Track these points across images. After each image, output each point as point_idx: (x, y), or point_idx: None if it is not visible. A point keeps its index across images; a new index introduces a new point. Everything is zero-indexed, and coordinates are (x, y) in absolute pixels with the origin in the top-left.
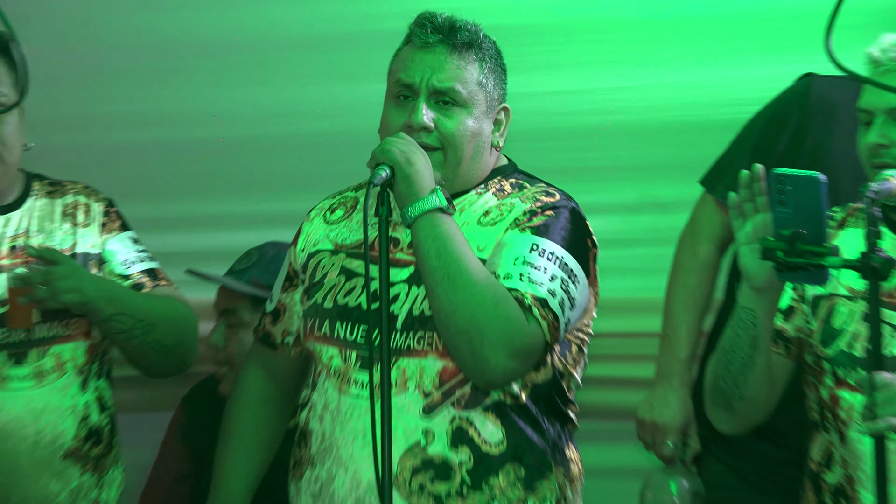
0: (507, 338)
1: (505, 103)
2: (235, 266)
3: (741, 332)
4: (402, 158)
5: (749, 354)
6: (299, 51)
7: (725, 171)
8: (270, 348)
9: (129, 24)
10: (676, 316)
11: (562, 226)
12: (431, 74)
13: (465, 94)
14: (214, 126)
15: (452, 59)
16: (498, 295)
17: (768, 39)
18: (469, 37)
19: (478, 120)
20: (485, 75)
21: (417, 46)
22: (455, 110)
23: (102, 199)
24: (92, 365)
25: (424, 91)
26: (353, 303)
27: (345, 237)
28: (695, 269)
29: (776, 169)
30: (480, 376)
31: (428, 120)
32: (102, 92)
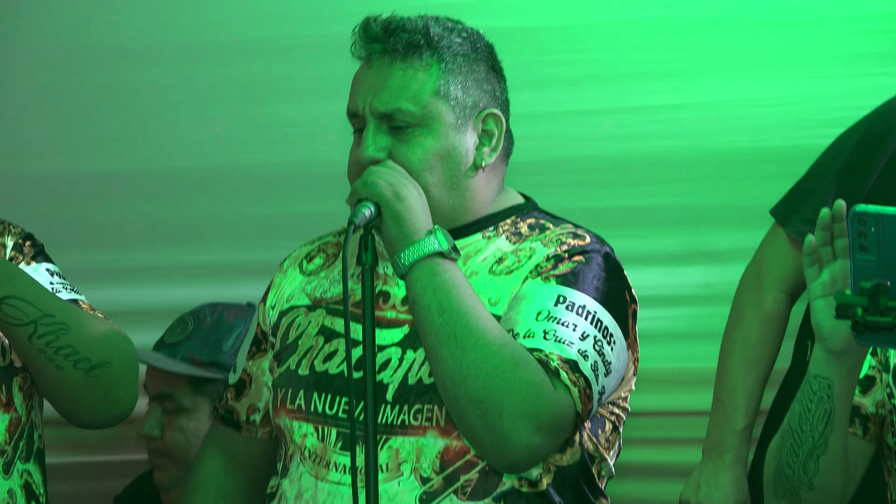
0: (530, 407)
1: (494, 108)
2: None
3: (813, 408)
4: (390, 193)
5: (822, 433)
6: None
7: (803, 203)
8: (233, 429)
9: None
10: (734, 378)
11: (594, 274)
12: (374, 96)
13: (418, 110)
14: (158, 154)
15: (395, 71)
16: (517, 356)
17: (852, 45)
18: (409, 37)
19: (443, 137)
20: (445, 80)
21: (362, 64)
22: (411, 132)
23: (19, 234)
24: (18, 443)
25: (370, 118)
26: (333, 370)
27: (324, 289)
28: (758, 321)
29: (857, 206)
30: (500, 456)
31: (377, 151)
32: (34, 116)
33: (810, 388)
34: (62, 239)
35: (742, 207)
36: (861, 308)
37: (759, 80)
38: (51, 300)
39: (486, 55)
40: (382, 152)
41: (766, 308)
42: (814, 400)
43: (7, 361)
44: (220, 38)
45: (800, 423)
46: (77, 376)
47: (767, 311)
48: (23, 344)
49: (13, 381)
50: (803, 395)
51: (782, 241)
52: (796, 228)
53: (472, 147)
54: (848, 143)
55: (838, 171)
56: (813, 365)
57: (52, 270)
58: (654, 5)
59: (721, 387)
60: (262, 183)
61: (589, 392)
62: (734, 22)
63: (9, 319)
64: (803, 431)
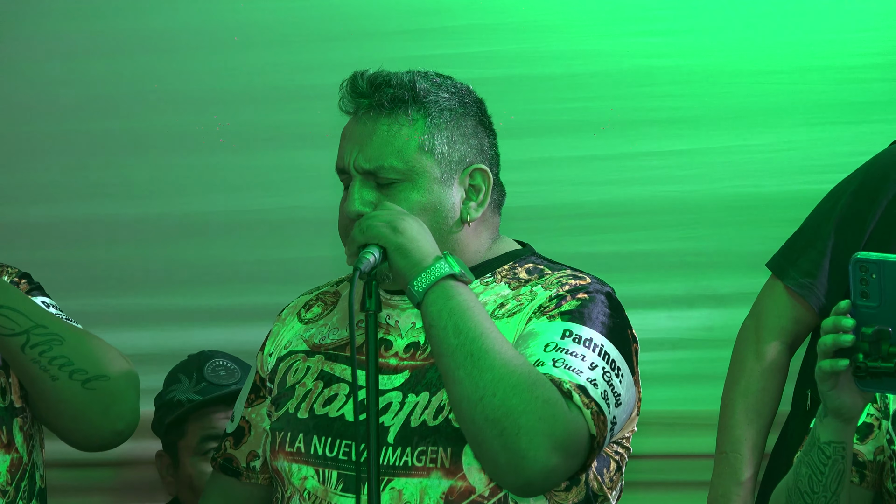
0: (546, 426)
1: (481, 163)
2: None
3: (827, 471)
4: (388, 230)
5: (835, 492)
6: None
7: (801, 255)
8: (233, 476)
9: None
10: (737, 429)
11: (599, 311)
12: (358, 153)
13: (402, 165)
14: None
15: (380, 126)
16: (533, 376)
17: (855, 93)
18: (394, 93)
19: (428, 192)
20: (431, 135)
21: (350, 119)
22: (398, 188)
23: (16, 274)
24: (20, 483)
25: (355, 174)
26: (333, 413)
27: (323, 336)
28: (759, 372)
29: (858, 253)
30: (515, 476)
31: (363, 205)
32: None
33: (823, 454)
34: (61, 283)
35: (745, 252)
36: (862, 354)
37: (763, 126)
38: (43, 313)
39: (475, 110)
40: (368, 206)
41: (766, 360)
42: (827, 464)
43: (7, 402)
44: (221, 85)
45: (810, 485)
46: (74, 388)
47: (768, 362)
48: (16, 355)
49: (14, 422)
50: (812, 459)
51: (780, 294)
52: (794, 281)
53: (458, 202)
54: (844, 193)
55: (835, 222)
56: (823, 434)
57: (49, 303)
58: (658, 54)
59: (724, 439)
60: (258, 228)
61: (602, 418)
62: (738, 70)
63: (1, 330)
64: (815, 493)
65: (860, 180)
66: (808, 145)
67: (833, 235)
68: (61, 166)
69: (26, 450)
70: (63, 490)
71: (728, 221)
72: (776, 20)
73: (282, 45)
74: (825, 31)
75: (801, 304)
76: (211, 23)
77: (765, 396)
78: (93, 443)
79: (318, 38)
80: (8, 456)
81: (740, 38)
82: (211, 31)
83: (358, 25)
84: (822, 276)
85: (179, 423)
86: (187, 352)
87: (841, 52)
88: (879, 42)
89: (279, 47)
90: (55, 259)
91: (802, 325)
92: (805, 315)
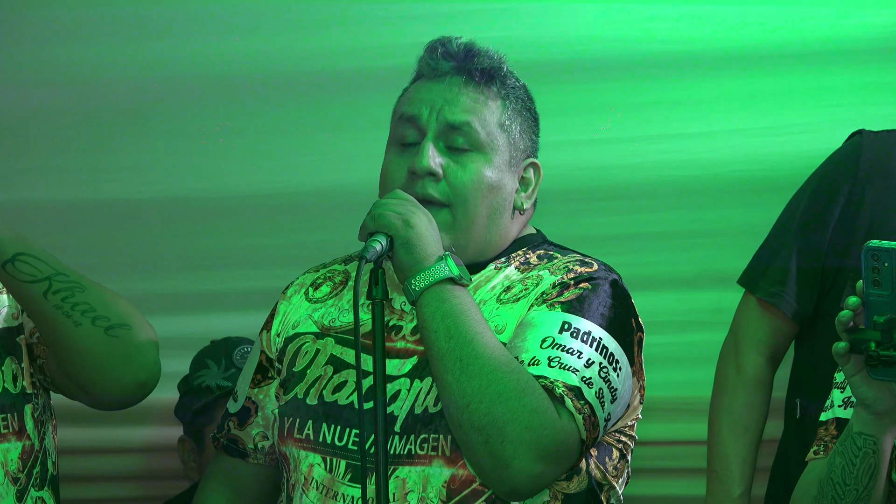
0: (533, 435)
1: (535, 158)
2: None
3: (858, 462)
4: (399, 222)
5: (866, 486)
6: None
7: (769, 265)
8: (239, 458)
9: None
10: (724, 446)
11: (601, 301)
12: (442, 106)
13: (484, 134)
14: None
15: (468, 92)
16: (522, 383)
17: (865, 75)
18: (490, 63)
19: (498, 171)
20: (509, 116)
21: (426, 78)
22: (470, 157)
23: None
24: (32, 470)
25: (433, 127)
26: (343, 401)
27: (333, 318)
28: (741, 387)
29: (870, 242)
30: (500, 482)
31: (436, 165)
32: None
33: (854, 444)
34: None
35: (754, 234)
36: (874, 342)
37: (773, 110)
38: (62, 264)
39: (534, 106)
40: (439, 168)
41: (747, 373)
42: (858, 455)
43: (19, 388)
44: (235, 71)
45: (842, 476)
46: (96, 333)
47: (749, 376)
48: (38, 301)
49: (25, 409)
50: (846, 449)
51: (753, 307)
52: (765, 291)
53: (514, 189)
54: (802, 198)
55: (797, 227)
56: (856, 423)
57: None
58: (667, 39)
59: (713, 457)
60: (273, 211)
61: (594, 419)
62: (748, 53)
63: (22, 276)
64: (847, 484)
65: (816, 183)
66: (818, 128)
67: (796, 241)
68: (74, 150)
69: (38, 436)
70: (83, 479)
71: (737, 203)
72: (785, 4)
73: (283, 31)
74: (835, 14)
75: (774, 313)
76: (213, 8)
77: (750, 411)
78: (114, 395)
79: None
80: (20, 443)
81: (750, 21)
82: (211, 18)
83: (367, 9)
84: (791, 282)
85: (207, 408)
86: (198, 337)
87: (852, 38)
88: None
89: (281, 34)
90: (68, 244)
91: (781, 335)
92: (781, 324)
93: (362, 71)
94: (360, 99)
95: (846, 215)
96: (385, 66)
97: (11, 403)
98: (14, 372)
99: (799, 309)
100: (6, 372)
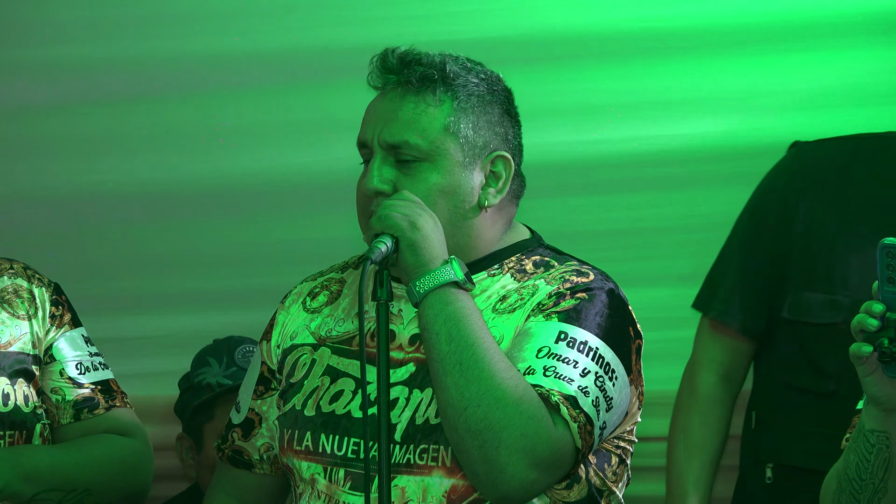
0: (528, 442)
1: (503, 150)
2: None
3: (872, 458)
4: (405, 223)
5: (882, 479)
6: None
7: (718, 286)
8: (244, 469)
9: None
10: (678, 466)
11: (597, 311)
12: (383, 127)
13: (426, 144)
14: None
15: (407, 103)
16: (520, 390)
17: (859, 75)
18: (424, 71)
19: (449, 175)
20: (456, 117)
21: (377, 94)
22: (417, 167)
23: (48, 285)
24: None
25: (377, 149)
26: (340, 410)
27: (329, 328)
28: (694, 406)
29: (886, 239)
30: (493, 488)
31: (381, 183)
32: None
33: (867, 441)
34: (79, 267)
35: None
36: (888, 339)
37: (769, 109)
38: (68, 468)
39: (503, 99)
40: (387, 185)
41: (699, 393)
42: (872, 451)
43: (30, 408)
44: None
45: (857, 472)
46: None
47: (701, 395)
48: None
49: (36, 428)
50: (858, 446)
51: (705, 328)
52: (715, 311)
53: (477, 186)
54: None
55: (739, 246)
56: (867, 421)
57: (86, 336)
58: (665, 35)
59: (669, 478)
60: (270, 209)
61: (590, 428)
62: (743, 52)
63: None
64: (862, 479)
65: (755, 200)
66: (813, 127)
67: (739, 258)
68: (74, 148)
69: None
70: None
71: (733, 199)
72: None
73: (284, 30)
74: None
75: (725, 331)
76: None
77: (704, 430)
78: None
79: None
80: None
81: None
82: (211, 16)
83: (367, 11)
84: (737, 298)
85: (207, 406)
86: (198, 336)
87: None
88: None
89: (280, 34)
90: (70, 241)
91: (735, 353)
92: (734, 342)
93: (363, 70)
94: (360, 98)
95: (782, 227)
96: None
97: (22, 421)
98: (25, 393)
99: (748, 324)
100: (18, 392)
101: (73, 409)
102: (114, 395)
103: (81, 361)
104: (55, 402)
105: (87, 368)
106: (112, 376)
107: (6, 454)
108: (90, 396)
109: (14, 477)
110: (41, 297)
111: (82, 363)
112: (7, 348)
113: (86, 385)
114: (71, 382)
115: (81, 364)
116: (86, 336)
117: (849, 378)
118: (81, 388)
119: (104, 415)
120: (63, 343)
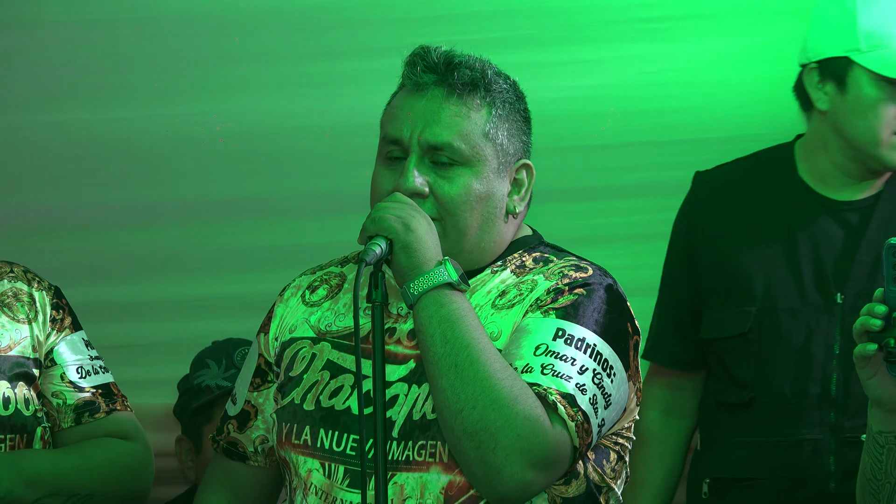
0: (525, 443)
1: (527, 159)
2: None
3: (884, 458)
4: (399, 225)
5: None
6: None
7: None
8: (239, 461)
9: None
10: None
11: (595, 307)
12: (423, 127)
13: (468, 149)
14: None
15: (450, 106)
16: (516, 390)
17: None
18: (471, 75)
19: (486, 181)
20: (495, 124)
21: (408, 91)
22: (456, 170)
23: (48, 288)
24: None
25: (416, 148)
26: (340, 406)
27: (329, 322)
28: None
29: (891, 239)
30: (491, 488)
31: (420, 184)
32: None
33: (877, 443)
34: (75, 271)
35: None
36: (894, 339)
37: (764, 115)
38: (69, 473)
39: (524, 105)
40: (425, 186)
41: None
42: (883, 452)
43: (31, 411)
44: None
45: (873, 472)
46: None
47: (641, 432)
48: None
49: (37, 431)
50: (870, 449)
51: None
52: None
53: (505, 194)
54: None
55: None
56: (874, 423)
57: (86, 339)
58: (661, 40)
59: None
60: (271, 214)
61: (587, 426)
62: (738, 61)
63: None
64: (878, 479)
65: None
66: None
67: (661, 295)
68: (73, 155)
69: None
70: None
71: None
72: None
73: (283, 32)
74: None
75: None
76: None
77: (645, 464)
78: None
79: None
80: None
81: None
82: (211, 17)
83: (367, 10)
84: (662, 335)
85: (206, 408)
86: (196, 341)
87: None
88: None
89: (281, 35)
90: (69, 247)
91: (673, 387)
92: (670, 378)
93: (361, 73)
94: (360, 101)
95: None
96: (385, 67)
97: (23, 425)
98: (26, 397)
99: (676, 357)
100: (18, 395)
101: (74, 413)
102: (114, 398)
103: (82, 365)
104: (56, 405)
105: (88, 372)
106: (112, 380)
107: (8, 459)
108: (91, 400)
109: (16, 482)
110: (41, 300)
111: (83, 367)
112: (7, 352)
113: (87, 389)
114: (72, 386)
115: (82, 368)
116: (86, 339)
117: (763, 383)
118: (82, 392)
119: (105, 418)
120: (64, 347)
